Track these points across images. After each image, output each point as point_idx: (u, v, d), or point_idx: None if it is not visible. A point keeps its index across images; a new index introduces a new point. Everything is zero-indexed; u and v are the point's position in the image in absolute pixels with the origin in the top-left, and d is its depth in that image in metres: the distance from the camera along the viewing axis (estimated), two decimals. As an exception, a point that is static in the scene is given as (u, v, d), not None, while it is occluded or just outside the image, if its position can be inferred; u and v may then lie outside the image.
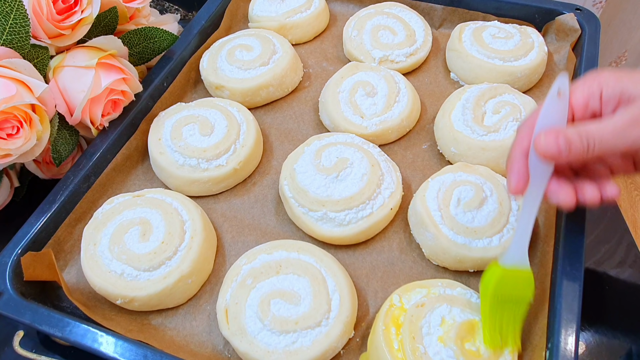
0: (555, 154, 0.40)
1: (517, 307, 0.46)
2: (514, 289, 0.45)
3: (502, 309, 0.45)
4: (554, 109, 0.42)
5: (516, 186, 0.43)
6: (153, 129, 0.65)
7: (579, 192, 0.43)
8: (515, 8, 0.76)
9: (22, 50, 0.55)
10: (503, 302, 0.45)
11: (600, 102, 0.42)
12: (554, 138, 0.40)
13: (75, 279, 0.56)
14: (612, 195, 0.43)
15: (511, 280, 0.45)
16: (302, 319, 0.48)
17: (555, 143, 0.40)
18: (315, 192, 0.56)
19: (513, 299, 0.45)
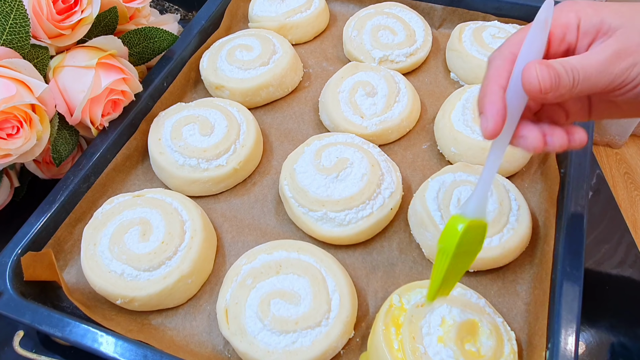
0: (547, 89, 0.36)
1: (468, 258, 0.43)
2: (472, 241, 0.42)
3: (456, 262, 0.42)
4: (538, 40, 0.38)
5: (494, 127, 0.38)
6: (153, 129, 0.65)
7: (547, 137, 0.39)
8: (515, 8, 0.76)
9: (22, 50, 0.55)
10: (459, 255, 0.42)
11: (577, 34, 0.38)
12: (549, 72, 0.36)
13: (75, 279, 0.56)
14: (580, 140, 0.39)
15: (472, 232, 0.42)
16: (302, 319, 0.48)
17: (549, 76, 0.36)
18: (315, 192, 0.56)
19: (468, 251, 0.43)
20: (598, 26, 0.37)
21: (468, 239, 0.42)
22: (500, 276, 0.54)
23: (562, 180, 0.57)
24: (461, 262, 0.43)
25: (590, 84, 0.36)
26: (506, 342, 0.46)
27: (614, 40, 0.36)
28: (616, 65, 0.36)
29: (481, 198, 0.42)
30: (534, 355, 0.46)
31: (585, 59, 0.37)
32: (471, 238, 0.42)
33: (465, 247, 0.42)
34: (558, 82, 0.36)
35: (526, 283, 0.53)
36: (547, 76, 0.36)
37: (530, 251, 0.55)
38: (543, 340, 0.46)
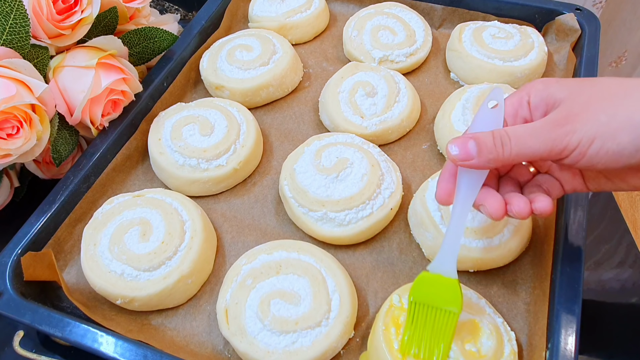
0: (464, 158, 0.40)
1: (443, 317, 0.43)
2: (440, 295, 0.44)
3: (424, 316, 0.44)
4: (486, 119, 0.42)
5: (439, 194, 0.44)
6: (153, 129, 0.65)
7: (508, 204, 0.42)
8: (515, 8, 0.76)
9: (22, 50, 0.55)
10: (429, 309, 0.43)
11: (529, 108, 0.42)
12: (462, 142, 0.40)
13: (75, 279, 0.56)
14: (543, 209, 0.41)
15: (437, 287, 0.44)
16: (302, 319, 0.48)
17: (462, 147, 0.40)
18: (315, 192, 0.56)
19: (437, 307, 0.43)
20: (546, 100, 0.40)
21: (436, 294, 0.44)
22: (500, 276, 0.54)
23: (562, 181, 0.57)
24: (440, 322, 0.43)
25: (528, 148, 0.38)
26: (506, 342, 0.46)
27: (556, 111, 0.38)
28: (552, 131, 0.37)
29: (445, 257, 0.44)
30: (534, 355, 0.46)
31: (520, 126, 0.39)
32: (440, 294, 0.44)
33: (435, 301, 0.44)
34: (478, 149, 0.39)
35: (526, 283, 0.53)
36: (461, 147, 0.40)
37: (530, 251, 0.55)
38: (543, 340, 0.46)
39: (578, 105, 0.37)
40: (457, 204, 0.43)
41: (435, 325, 0.43)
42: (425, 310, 0.44)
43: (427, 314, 0.44)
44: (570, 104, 0.38)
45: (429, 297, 0.44)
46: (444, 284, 0.44)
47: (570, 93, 0.39)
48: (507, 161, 0.39)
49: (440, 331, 0.43)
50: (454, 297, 0.43)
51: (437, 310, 0.43)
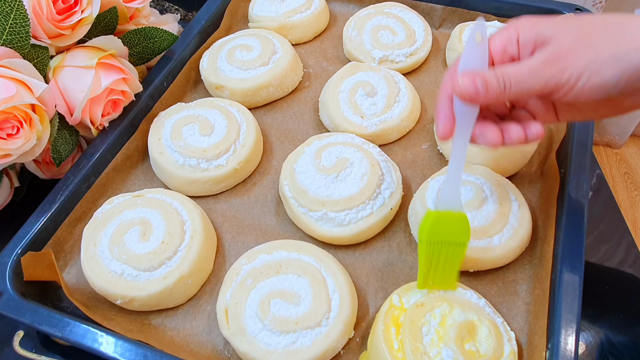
0: (473, 95, 0.41)
1: (454, 249, 0.47)
2: (450, 231, 0.47)
3: (438, 252, 0.47)
4: (474, 53, 0.43)
5: (443, 130, 0.45)
6: (153, 129, 0.65)
7: (504, 133, 0.44)
8: (515, 8, 0.76)
9: (22, 50, 0.55)
10: (439, 245, 0.47)
11: (517, 46, 0.42)
12: (471, 79, 0.41)
13: (75, 279, 0.56)
14: (536, 133, 0.44)
15: (446, 223, 0.47)
16: (302, 319, 0.48)
17: (472, 84, 0.41)
18: (315, 192, 0.56)
19: (449, 242, 0.47)
20: (535, 38, 0.41)
21: (446, 230, 0.47)
22: (500, 276, 0.54)
23: (562, 180, 0.57)
24: (451, 253, 0.47)
25: (526, 87, 0.40)
26: (506, 342, 0.46)
27: (547, 48, 0.40)
28: (546, 69, 0.39)
29: (449, 191, 0.47)
30: (534, 355, 0.46)
31: (518, 65, 0.41)
32: (450, 229, 0.47)
33: (447, 237, 0.47)
34: (486, 87, 0.41)
35: (526, 283, 0.53)
36: (470, 84, 0.41)
37: (530, 251, 0.55)
38: (543, 340, 0.46)
39: (567, 42, 0.39)
40: (457, 137, 0.45)
41: (448, 258, 0.47)
42: (436, 246, 0.47)
43: (439, 249, 0.47)
44: (560, 41, 0.39)
45: (439, 234, 0.47)
46: (451, 218, 0.47)
47: (558, 31, 0.40)
48: (507, 99, 0.42)
49: (451, 261, 0.47)
50: (463, 229, 0.47)
51: (448, 244, 0.47)
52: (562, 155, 0.59)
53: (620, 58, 0.37)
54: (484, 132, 0.44)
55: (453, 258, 0.48)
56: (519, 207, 0.54)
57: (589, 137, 0.58)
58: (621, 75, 0.37)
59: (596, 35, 0.38)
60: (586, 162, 0.56)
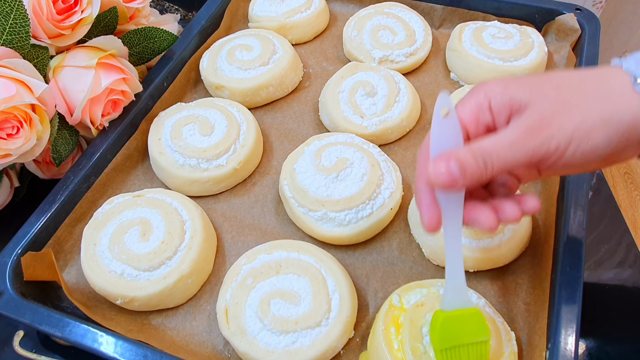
0: (450, 182, 0.37)
1: (475, 349, 0.41)
2: (465, 332, 0.42)
3: (459, 355, 0.41)
4: (443, 130, 0.38)
5: (429, 222, 0.40)
6: (153, 129, 0.65)
7: (499, 212, 0.40)
8: (515, 8, 0.76)
9: (22, 50, 0.55)
10: (457, 350, 0.41)
11: (491, 114, 0.39)
12: (446, 164, 0.37)
13: (75, 279, 0.56)
14: (533, 208, 0.40)
15: (458, 323, 0.42)
16: (302, 319, 0.48)
17: (447, 170, 0.36)
18: (315, 192, 0.56)
19: (467, 342, 0.41)
20: (509, 103, 0.37)
21: (460, 331, 0.41)
22: (500, 276, 0.54)
23: (562, 180, 0.57)
24: (473, 355, 0.41)
25: (509, 162, 0.36)
26: (506, 342, 0.46)
27: (526, 115, 0.36)
28: (530, 140, 0.36)
29: (453, 288, 0.42)
30: (534, 355, 0.46)
31: (496, 138, 0.37)
32: (464, 328, 0.42)
33: (463, 339, 0.41)
34: (463, 171, 0.36)
35: (526, 283, 0.53)
36: (444, 171, 0.36)
37: (530, 251, 0.55)
38: (543, 340, 0.46)
39: (547, 107, 0.36)
40: (447, 228, 0.40)
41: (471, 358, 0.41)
42: (454, 352, 0.41)
43: (458, 354, 0.41)
44: (538, 107, 0.36)
45: (453, 338, 0.41)
46: (463, 317, 0.42)
47: (534, 94, 0.37)
48: (490, 177, 0.37)
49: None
50: (479, 326, 0.42)
51: (466, 346, 0.41)
52: (562, 155, 0.59)
53: (610, 120, 0.35)
54: (476, 216, 0.40)
55: (478, 357, 0.42)
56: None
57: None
58: (612, 137, 0.35)
59: (577, 97, 0.36)
60: (586, 162, 0.56)
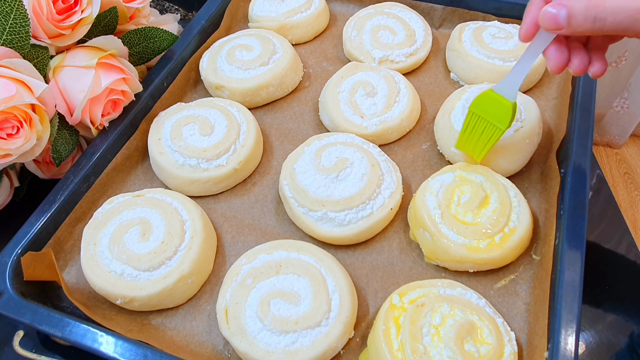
0: (553, 28, 0.40)
1: (490, 129, 0.54)
2: (492, 113, 0.53)
3: (476, 124, 0.55)
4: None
5: (524, 35, 0.45)
6: (153, 129, 0.65)
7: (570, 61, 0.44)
8: (515, 8, 0.76)
9: (22, 50, 0.55)
10: (480, 119, 0.54)
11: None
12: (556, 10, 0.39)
13: (75, 279, 0.56)
14: (596, 72, 0.43)
15: (493, 104, 0.53)
16: (302, 319, 0.48)
17: (553, 16, 0.39)
18: (315, 192, 0.56)
19: (490, 119, 0.53)
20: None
21: (490, 110, 0.53)
22: (500, 276, 0.54)
23: (562, 180, 0.57)
24: (487, 131, 0.54)
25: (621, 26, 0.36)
26: (506, 342, 0.46)
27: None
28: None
29: (510, 79, 0.51)
30: (534, 355, 0.46)
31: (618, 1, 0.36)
32: (494, 111, 0.53)
33: (487, 116, 0.53)
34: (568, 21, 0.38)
35: (526, 283, 0.53)
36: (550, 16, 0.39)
37: (530, 251, 0.55)
38: (543, 340, 0.46)
39: None
40: (535, 41, 0.46)
41: (484, 133, 0.54)
42: (478, 119, 0.54)
43: (478, 122, 0.54)
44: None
45: (482, 110, 0.54)
46: (500, 103, 0.52)
47: None
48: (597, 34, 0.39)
49: (485, 138, 0.54)
50: (505, 116, 0.52)
51: (486, 122, 0.54)
52: (562, 155, 0.59)
53: None
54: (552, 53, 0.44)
55: (487, 136, 0.54)
56: (519, 207, 0.54)
57: (589, 137, 0.58)
58: None
59: None
60: (586, 162, 0.56)
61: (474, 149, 0.57)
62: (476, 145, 0.56)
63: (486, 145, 0.55)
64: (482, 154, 0.56)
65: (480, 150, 0.56)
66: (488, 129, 0.54)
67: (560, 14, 0.39)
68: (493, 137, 0.54)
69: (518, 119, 0.60)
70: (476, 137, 0.55)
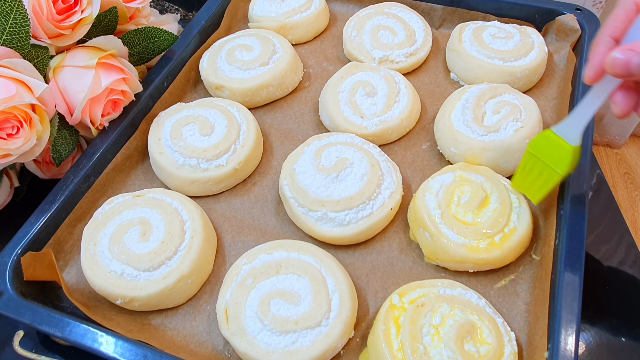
0: (624, 74, 0.36)
1: (548, 172, 0.50)
2: (550, 156, 0.50)
3: (534, 166, 0.51)
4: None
5: (590, 77, 0.42)
6: (153, 129, 0.65)
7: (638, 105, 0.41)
8: (515, 8, 0.76)
9: (22, 50, 0.55)
10: (538, 161, 0.51)
11: None
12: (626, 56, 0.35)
13: (75, 279, 0.56)
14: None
15: (552, 147, 0.49)
16: (302, 319, 0.48)
17: (623, 65, 0.36)
18: (315, 192, 0.56)
19: (549, 162, 0.50)
20: None
21: (548, 152, 0.50)
22: (500, 276, 0.54)
23: (562, 180, 0.57)
24: (545, 174, 0.51)
25: None
26: (506, 342, 0.46)
27: None
28: None
29: (572, 121, 0.48)
30: (534, 355, 0.46)
31: None
32: (552, 154, 0.50)
33: (545, 158, 0.50)
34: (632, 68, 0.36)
35: (526, 283, 0.53)
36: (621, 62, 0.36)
37: (530, 251, 0.55)
38: (544, 341, 0.46)
39: None
40: (602, 84, 0.43)
41: (541, 176, 0.51)
42: (536, 161, 0.51)
43: (536, 164, 0.51)
44: None
45: (541, 151, 0.50)
46: (559, 146, 0.49)
47: None
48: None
49: (542, 181, 0.51)
50: (564, 160, 0.49)
51: (545, 165, 0.50)
52: (562, 155, 0.59)
53: None
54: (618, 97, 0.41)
55: (544, 179, 0.51)
56: (519, 207, 0.54)
57: (589, 137, 0.58)
58: None
59: None
60: (586, 162, 0.56)
61: (530, 189, 0.53)
62: (532, 186, 0.53)
63: (543, 187, 0.52)
64: (537, 196, 0.53)
65: (536, 192, 0.53)
66: (546, 171, 0.51)
67: (633, 61, 0.36)
68: (550, 181, 0.51)
69: (518, 119, 0.60)
70: (533, 178, 0.52)
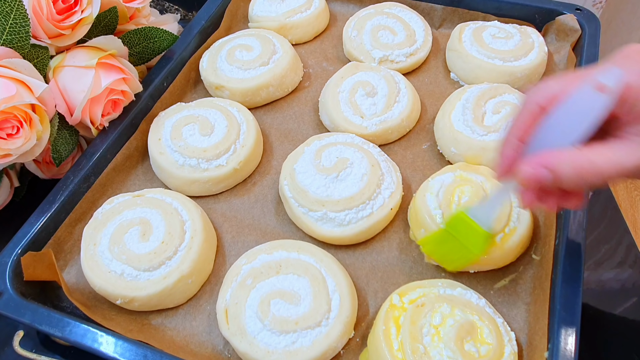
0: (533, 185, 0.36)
1: (466, 252, 0.48)
2: (468, 234, 0.48)
3: (451, 241, 0.49)
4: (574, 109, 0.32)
5: (499, 176, 0.41)
6: (153, 129, 0.65)
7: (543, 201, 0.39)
8: (515, 8, 0.76)
9: (22, 50, 0.55)
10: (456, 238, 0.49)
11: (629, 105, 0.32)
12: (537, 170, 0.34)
13: (75, 279, 0.56)
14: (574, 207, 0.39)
15: (468, 228, 0.48)
16: (302, 319, 0.48)
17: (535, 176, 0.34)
18: (315, 192, 0.56)
19: (464, 241, 0.48)
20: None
21: (464, 233, 0.48)
22: (500, 276, 0.54)
23: (562, 180, 0.56)
24: (460, 252, 0.49)
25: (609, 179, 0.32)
26: (506, 342, 0.46)
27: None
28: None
29: (483, 208, 0.47)
30: (534, 355, 0.46)
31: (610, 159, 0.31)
32: (467, 235, 0.48)
33: (461, 238, 0.48)
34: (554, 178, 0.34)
35: (526, 283, 0.53)
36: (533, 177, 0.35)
37: (530, 251, 0.55)
38: (544, 341, 0.46)
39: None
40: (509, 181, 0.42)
41: (456, 251, 0.49)
42: (452, 239, 0.49)
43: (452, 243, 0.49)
44: None
45: (458, 231, 0.48)
46: (474, 230, 0.48)
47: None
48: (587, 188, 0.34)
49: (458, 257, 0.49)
50: (478, 243, 0.48)
51: (461, 245, 0.48)
52: (562, 155, 0.59)
53: None
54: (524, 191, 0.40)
55: (460, 254, 0.49)
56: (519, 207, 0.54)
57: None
58: None
59: None
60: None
61: (444, 260, 0.52)
62: (445, 258, 0.52)
63: (458, 261, 0.50)
64: (452, 267, 0.52)
65: (450, 264, 0.52)
66: (462, 250, 0.49)
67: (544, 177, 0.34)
68: (466, 258, 0.49)
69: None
70: (446, 251, 0.51)
